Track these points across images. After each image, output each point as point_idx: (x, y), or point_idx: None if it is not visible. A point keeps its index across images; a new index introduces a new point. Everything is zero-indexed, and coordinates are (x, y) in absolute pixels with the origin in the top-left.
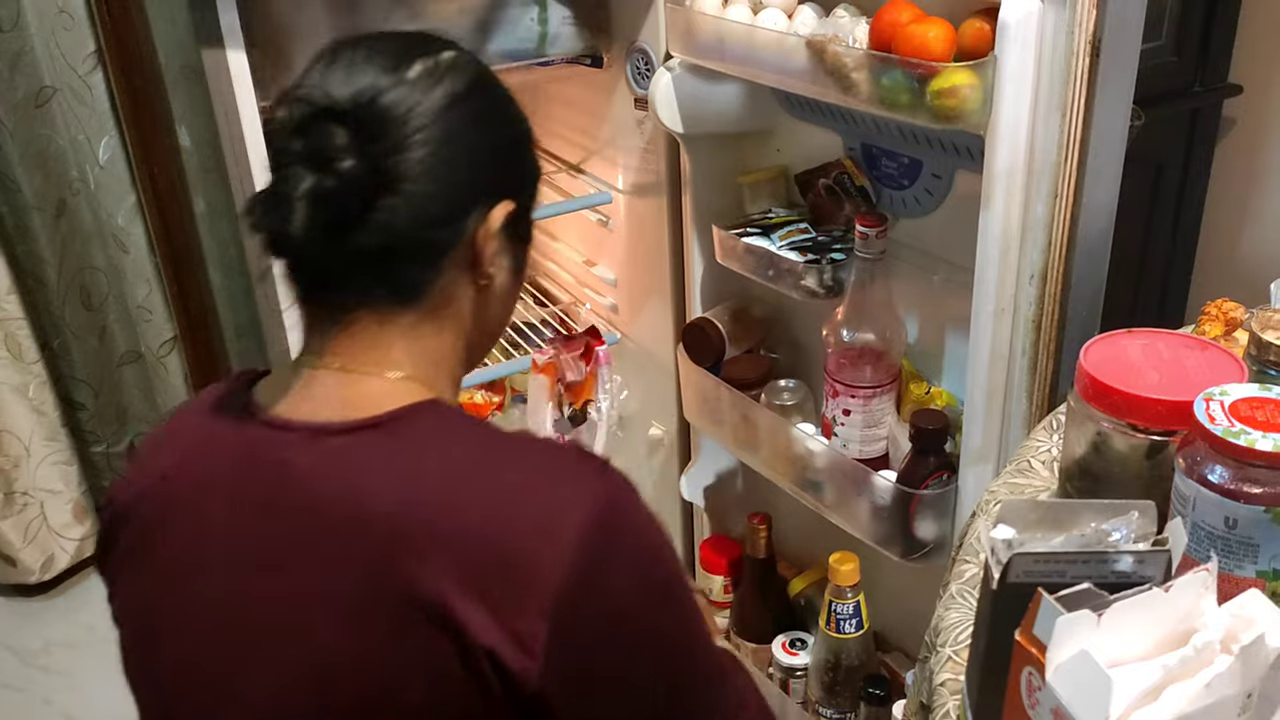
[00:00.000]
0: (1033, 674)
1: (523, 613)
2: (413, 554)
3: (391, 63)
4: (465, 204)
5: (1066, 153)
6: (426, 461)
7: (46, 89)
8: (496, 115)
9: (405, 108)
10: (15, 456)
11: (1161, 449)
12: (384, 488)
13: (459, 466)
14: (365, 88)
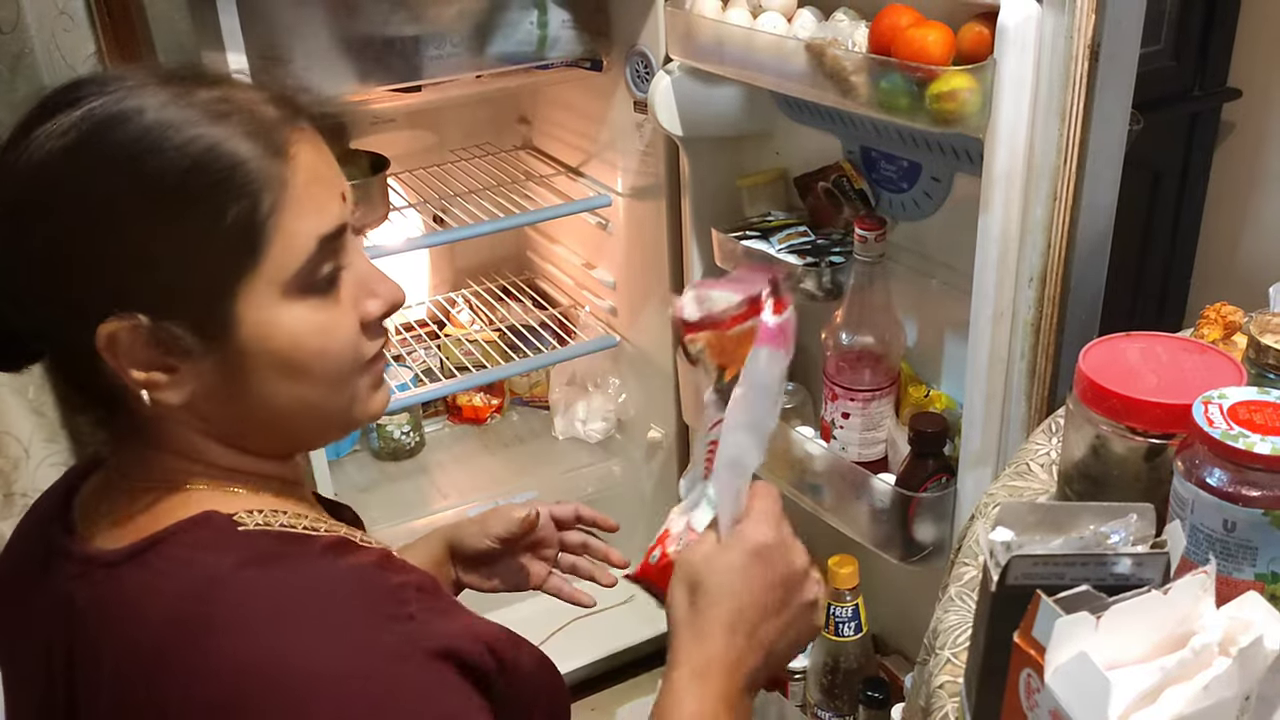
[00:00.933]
0: (1031, 676)
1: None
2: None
3: (27, 122)
4: (62, 304)
5: (1065, 156)
6: (177, 584)
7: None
8: (74, 213)
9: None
10: (14, 458)
11: (1160, 452)
12: (143, 615)
13: (203, 589)
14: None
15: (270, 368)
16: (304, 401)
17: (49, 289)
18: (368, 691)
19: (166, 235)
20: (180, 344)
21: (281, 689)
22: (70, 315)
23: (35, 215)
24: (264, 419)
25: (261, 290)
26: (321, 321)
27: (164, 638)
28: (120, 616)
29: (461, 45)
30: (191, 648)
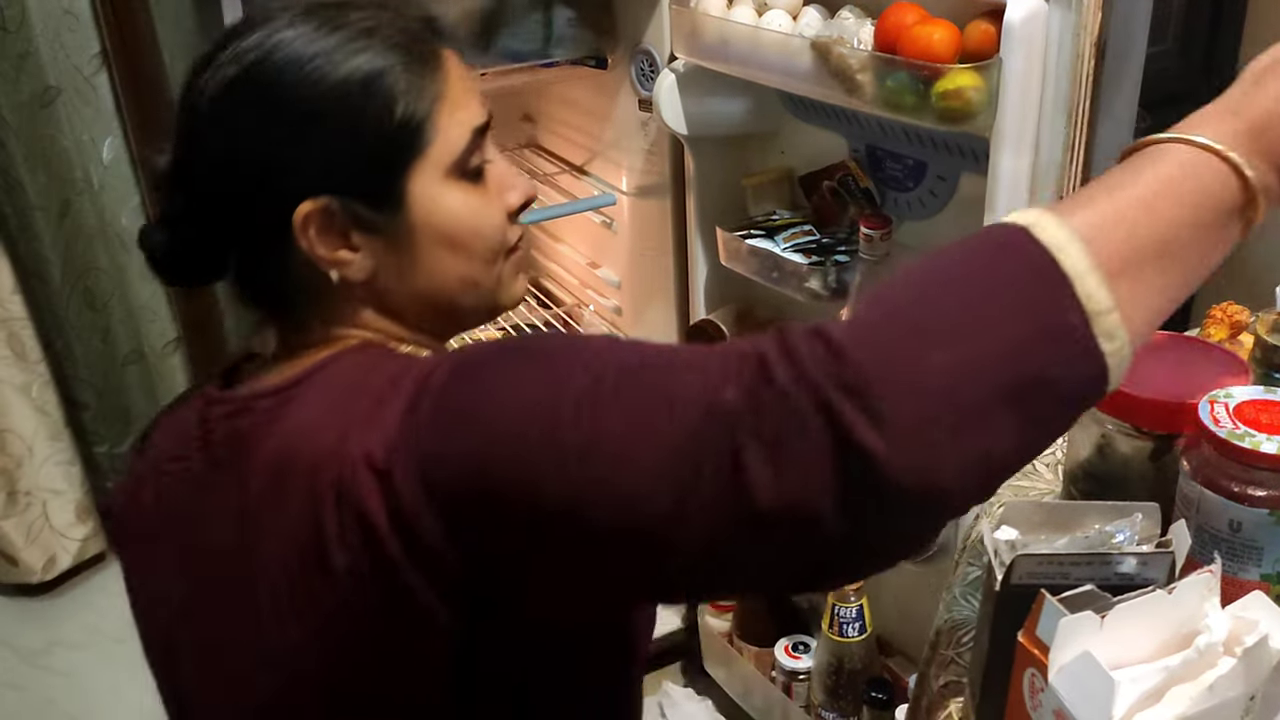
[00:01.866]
0: (1035, 675)
1: (409, 498)
2: (312, 478)
3: (199, 62)
4: (256, 204)
5: (1072, 155)
6: (323, 398)
7: (51, 89)
8: (275, 103)
9: (189, 107)
10: (18, 456)
11: (1166, 451)
12: (300, 435)
13: (342, 397)
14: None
15: (436, 242)
16: (462, 276)
17: (250, 190)
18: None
19: (346, 135)
20: (362, 221)
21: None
22: (268, 209)
23: (234, 129)
24: (429, 293)
25: (428, 174)
26: (475, 204)
27: (319, 425)
28: (289, 428)
29: (466, 43)
30: (346, 421)
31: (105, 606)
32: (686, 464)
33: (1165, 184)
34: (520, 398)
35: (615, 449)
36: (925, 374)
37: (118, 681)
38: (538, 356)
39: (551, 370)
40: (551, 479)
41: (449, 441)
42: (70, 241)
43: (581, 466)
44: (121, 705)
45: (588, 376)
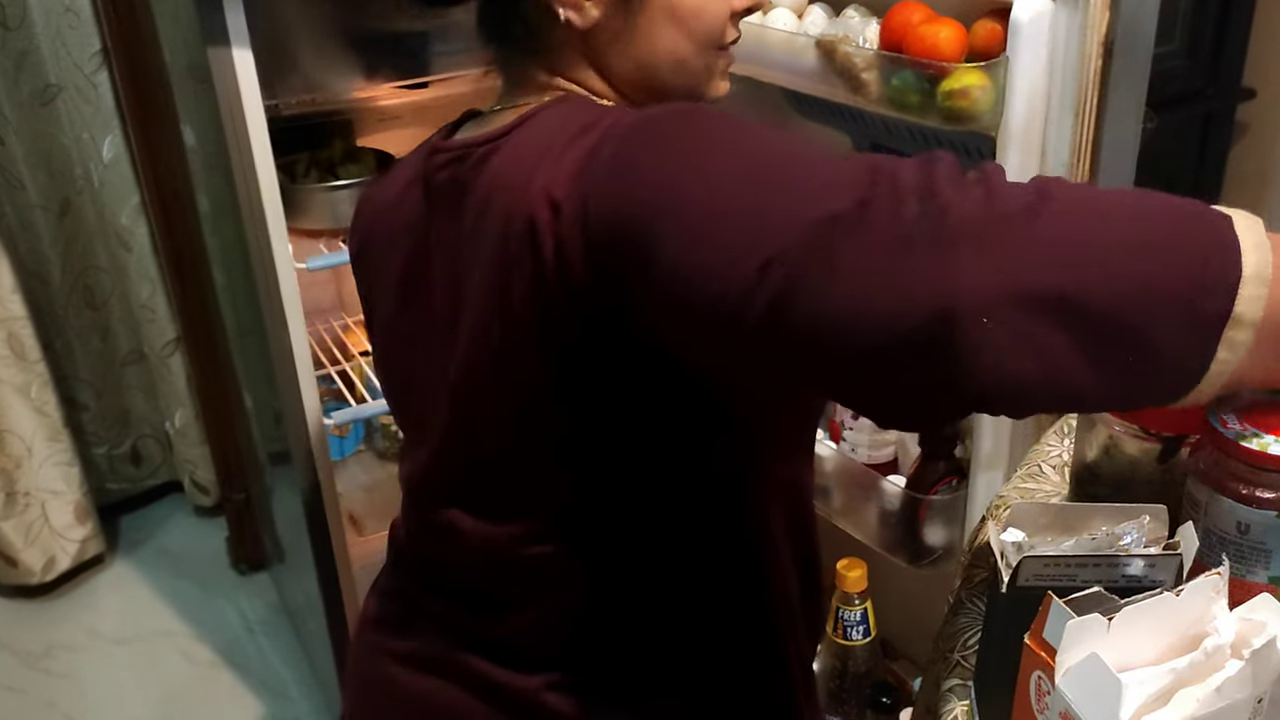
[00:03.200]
0: (1042, 678)
1: (572, 234)
2: (507, 209)
3: None
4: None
5: (1079, 155)
6: (530, 142)
7: (52, 87)
8: None
9: None
10: (17, 457)
11: (1173, 453)
12: (499, 177)
13: (547, 141)
14: None
15: (661, 11)
16: (676, 54)
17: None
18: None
19: None
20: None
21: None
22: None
23: None
24: (642, 60)
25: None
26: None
27: (518, 170)
28: (494, 170)
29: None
30: (531, 166)
31: (104, 608)
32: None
33: None
34: (686, 166)
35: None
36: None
37: (117, 683)
38: (719, 135)
39: (732, 153)
40: (683, 239)
41: (613, 185)
42: (70, 240)
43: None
44: (121, 707)
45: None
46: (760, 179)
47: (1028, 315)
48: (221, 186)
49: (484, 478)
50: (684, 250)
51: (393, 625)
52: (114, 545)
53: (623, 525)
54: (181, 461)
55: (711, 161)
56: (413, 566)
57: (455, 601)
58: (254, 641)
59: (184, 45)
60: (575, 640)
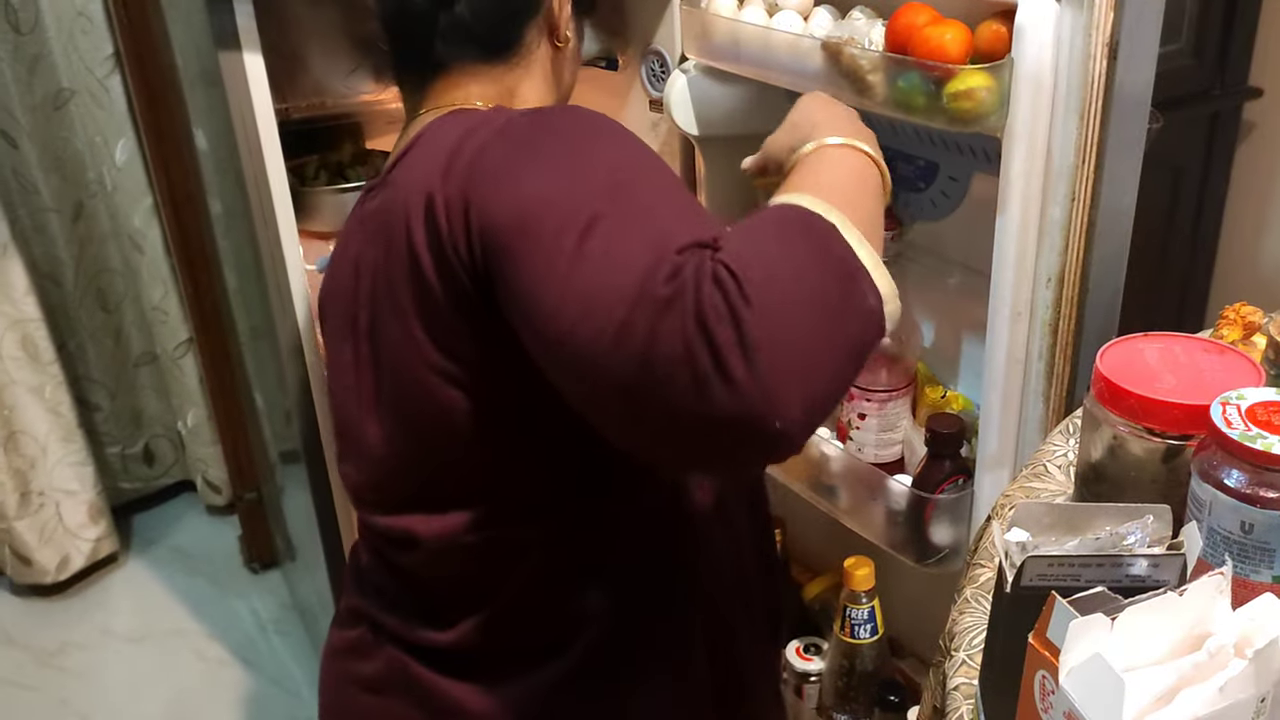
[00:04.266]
0: (1046, 677)
1: (460, 231)
2: (411, 233)
3: None
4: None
5: (1084, 156)
6: (423, 158)
7: (64, 91)
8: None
9: None
10: (31, 457)
11: (1178, 453)
12: (400, 194)
13: (437, 150)
14: None
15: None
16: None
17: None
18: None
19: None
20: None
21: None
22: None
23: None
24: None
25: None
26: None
27: (414, 184)
28: (394, 196)
29: None
30: (427, 175)
31: (118, 607)
32: (608, 311)
33: (853, 177)
34: (535, 190)
35: (577, 283)
36: (792, 341)
37: (130, 681)
38: (565, 152)
39: (570, 179)
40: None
41: (491, 188)
42: (83, 243)
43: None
44: (133, 705)
45: (585, 209)
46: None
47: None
48: (233, 189)
49: (429, 473)
50: (527, 279)
51: (356, 651)
52: (127, 544)
53: (553, 506)
54: (194, 461)
55: (575, 187)
56: (372, 585)
57: (411, 615)
58: (266, 640)
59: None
60: (521, 639)
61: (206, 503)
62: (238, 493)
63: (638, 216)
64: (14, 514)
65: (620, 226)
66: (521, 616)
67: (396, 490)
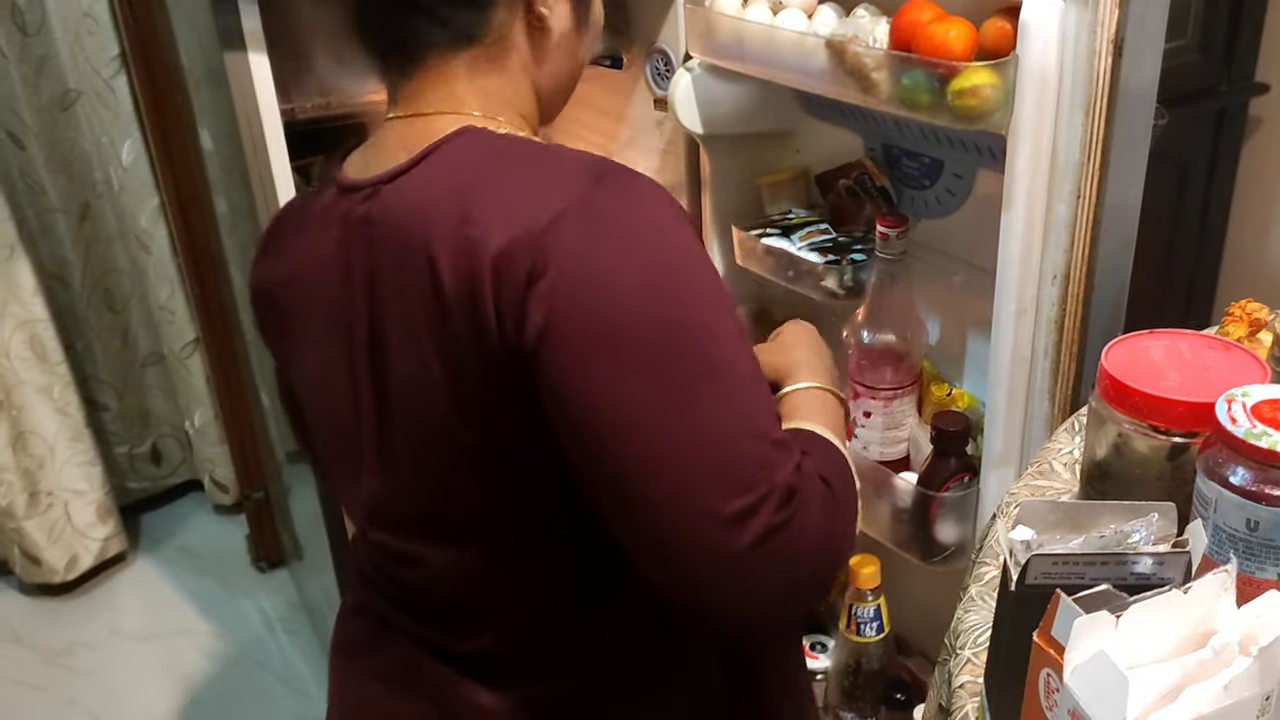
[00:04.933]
0: (1051, 675)
1: (513, 297)
2: (436, 264)
3: None
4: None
5: (1089, 153)
6: (447, 180)
7: (71, 92)
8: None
9: None
10: (40, 457)
11: (1183, 451)
12: (416, 213)
13: (469, 181)
14: None
15: (581, 40)
16: (572, 79)
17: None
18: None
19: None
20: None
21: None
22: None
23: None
24: (563, 87)
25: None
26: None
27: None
28: (405, 212)
29: None
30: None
31: (126, 606)
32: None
33: (839, 422)
34: (634, 304)
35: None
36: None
37: (138, 680)
38: (663, 265)
39: (668, 305)
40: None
41: (554, 267)
42: (90, 243)
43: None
44: (142, 704)
45: (692, 358)
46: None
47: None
48: (239, 189)
49: (437, 503)
50: (606, 402)
51: (365, 644)
52: (135, 544)
53: (568, 537)
54: (201, 460)
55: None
56: (377, 585)
57: (422, 619)
58: (274, 639)
59: (201, 49)
60: (538, 650)
61: (214, 502)
62: (245, 492)
63: (740, 389)
64: (23, 514)
65: (726, 396)
66: (536, 630)
67: (400, 511)
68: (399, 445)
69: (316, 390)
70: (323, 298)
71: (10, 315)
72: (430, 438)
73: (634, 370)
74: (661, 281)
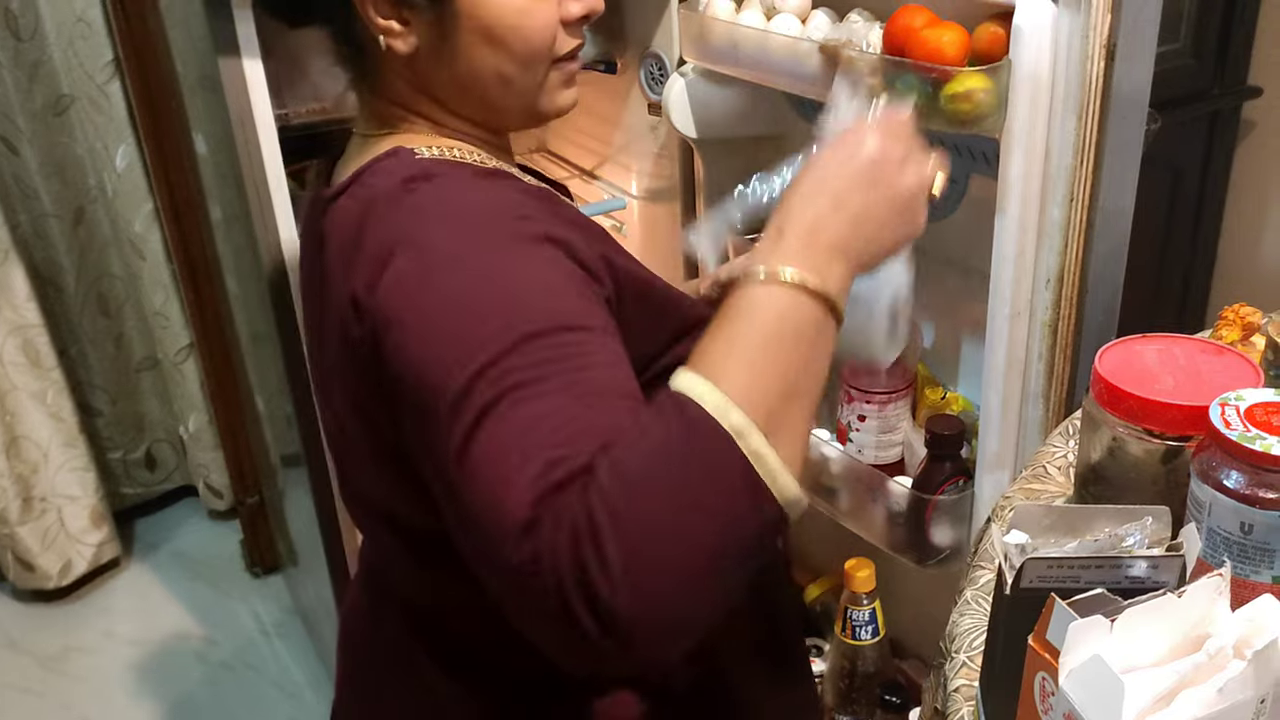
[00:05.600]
0: (1046, 679)
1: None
2: (336, 289)
3: None
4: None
5: (1082, 157)
6: (356, 208)
7: (65, 98)
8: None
9: None
10: (33, 462)
11: (1177, 454)
12: (336, 236)
13: (364, 198)
14: None
15: (476, 33)
16: (499, 73)
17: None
18: (480, 264)
19: None
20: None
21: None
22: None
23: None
24: (466, 84)
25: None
26: (525, 4)
27: (345, 239)
28: (332, 234)
29: None
30: (359, 236)
31: (120, 611)
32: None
33: (768, 331)
34: (427, 355)
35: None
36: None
37: (133, 686)
38: (463, 313)
39: (463, 344)
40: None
41: (384, 331)
42: (84, 248)
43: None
44: (136, 709)
45: (480, 391)
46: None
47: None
48: (233, 195)
49: (378, 497)
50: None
51: (367, 616)
52: (129, 549)
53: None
54: (195, 466)
55: (450, 363)
56: (372, 566)
57: (404, 606)
58: (269, 644)
59: (195, 55)
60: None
61: (208, 507)
62: (239, 497)
63: (522, 422)
64: (16, 519)
65: (498, 433)
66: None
67: (362, 496)
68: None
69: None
70: (306, 304)
71: (3, 320)
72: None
73: (437, 413)
74: (460, 289)
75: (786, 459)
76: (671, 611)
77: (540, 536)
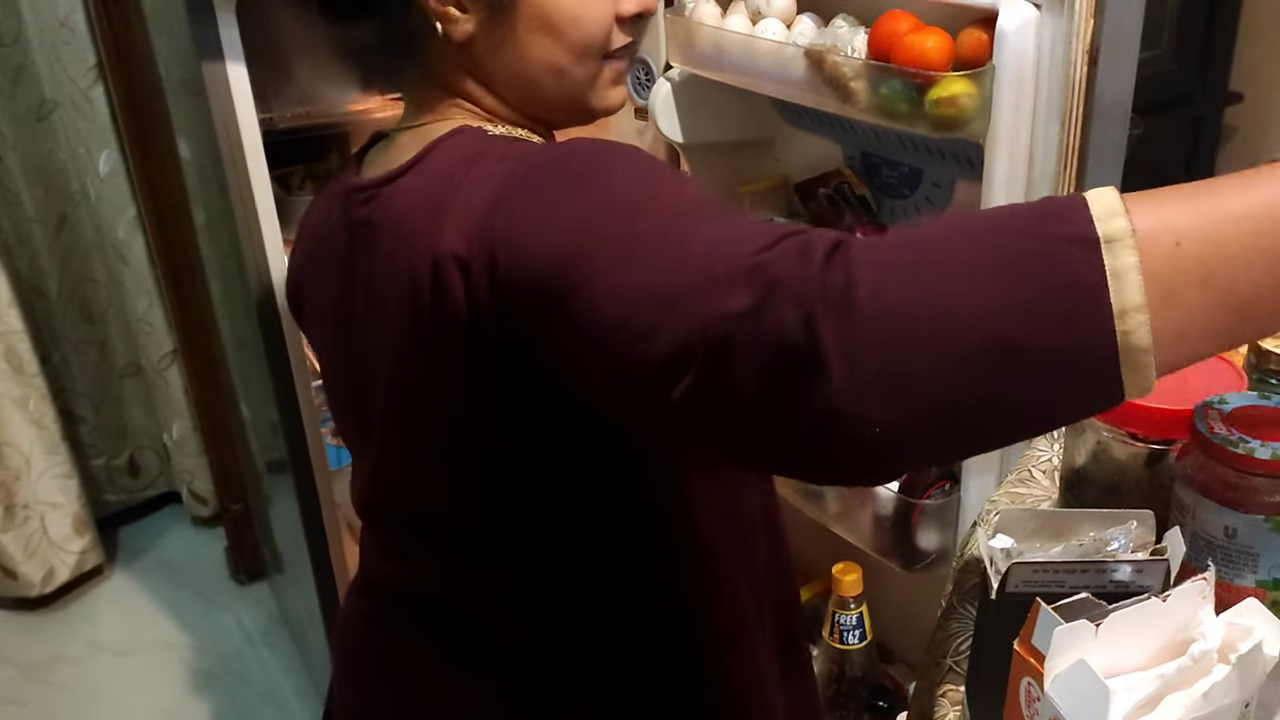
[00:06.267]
0: (1032, 684)
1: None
2: (412, 258)
3: None
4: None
5: (1065, 161)
6: (430, 183)
7: (48, 102)
8: None
9: None
10: (15, 469)
11: (1161, 458)
12: (403, 217)
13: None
14: None
15: (534, 21)
16: (553, 64)
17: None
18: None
19: None
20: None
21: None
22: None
23: None
24: (520, 74)
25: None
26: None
27: (420, 208)
28: (393, 212)
29: None
30: (446, 200)
31: (104, 620)
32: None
33: (1259, 211)
34: (569, 226)
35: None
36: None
37: (118, 694)
38: (590, 182)
39: (605, 205)
40: (586, 290)
41: (519, 239)
42: (67, 254)
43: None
44: (122, 718)
45: (631, 224)
46: (660, 257)
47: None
48: (217, 199)
49: (419, 500)
50: (591, 318)
51: (370, 620)
52: (113, 556)
53: (552, 542)
54: (179, 472)
55: (612, 218)
56: (377, 572)
57: (416, 609)
58: (254, 651)
59: (178, 59)
60: (528, 645)
61: (192, 514)
62: (224, 504)
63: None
64: None
65: (699, 231)
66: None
67: (390, 501)
68: (387, 434)
69: (328, 385)
70: (333, 299)
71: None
72: (410, 429)
73: (604, 247)
74: (595, 179)
75: (1164, 325)
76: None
77: (770, 268)
